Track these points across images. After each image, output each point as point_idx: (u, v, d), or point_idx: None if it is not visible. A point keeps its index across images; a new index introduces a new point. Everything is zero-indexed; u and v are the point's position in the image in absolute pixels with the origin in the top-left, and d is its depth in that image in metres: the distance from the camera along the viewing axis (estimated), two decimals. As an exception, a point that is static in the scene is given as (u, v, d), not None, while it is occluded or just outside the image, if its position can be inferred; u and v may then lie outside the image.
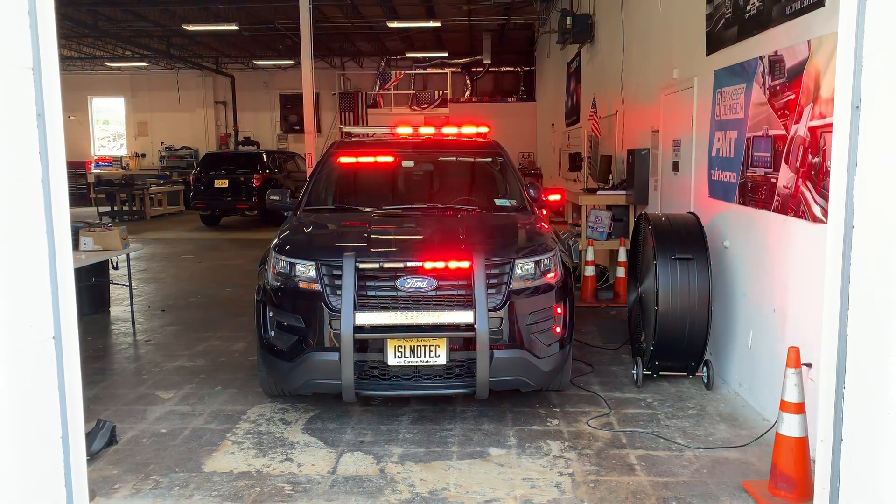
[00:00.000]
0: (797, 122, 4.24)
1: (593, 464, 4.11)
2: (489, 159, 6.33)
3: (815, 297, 4.00)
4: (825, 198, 3.84)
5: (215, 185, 17.16)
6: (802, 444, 3.56)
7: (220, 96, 26.68)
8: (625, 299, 7.34)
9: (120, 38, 20.23)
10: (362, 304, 4.40)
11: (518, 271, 4.58)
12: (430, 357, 4.39)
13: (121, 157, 26.14)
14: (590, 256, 8.32)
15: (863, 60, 2.49)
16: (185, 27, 18.27)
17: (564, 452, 4.26)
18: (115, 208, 19.18)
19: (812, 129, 4.05)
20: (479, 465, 4.10)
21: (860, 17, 2.49)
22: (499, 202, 5.87)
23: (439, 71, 25.12)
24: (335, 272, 4.47)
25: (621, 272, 8.11)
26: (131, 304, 7.77)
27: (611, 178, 9.28)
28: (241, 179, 17.14)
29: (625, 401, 5.10)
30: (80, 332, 2.57)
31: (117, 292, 8.54)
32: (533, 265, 4.65)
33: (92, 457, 4.12)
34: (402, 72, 25.25)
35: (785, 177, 4.41)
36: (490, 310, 4.38)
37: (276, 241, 4.96)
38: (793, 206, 4.30)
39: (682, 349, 5.19)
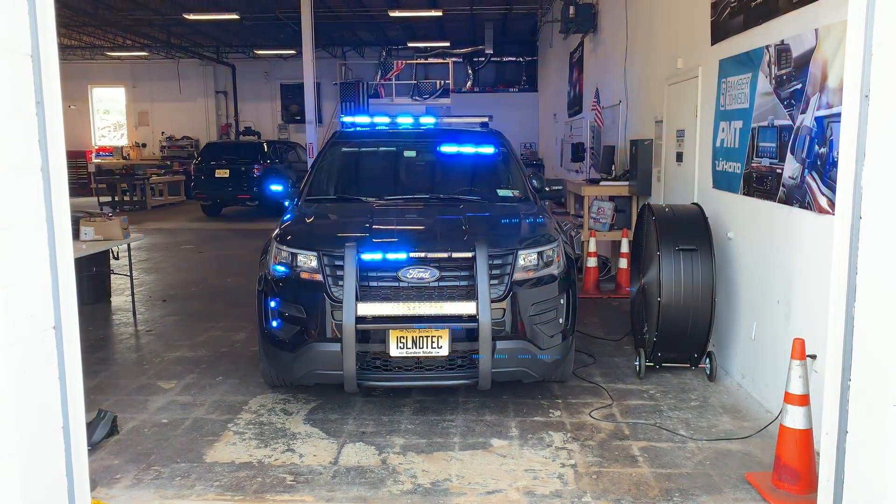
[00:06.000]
0: (803, 111, 4.21)
1: (596, 455, 4.10)
2: (492, 149, 6.29)
3: (820, 289, 3.98)
4: (831, 188, 3.81)
5: (216, 176, 17.13)
6: (807, 436, 3.54)
7: (220, 86, 26.61)
8: (627, 290, 7.32)
9: (120, 27, 20.17)
10: (364, 294, 4.38)
11: (521, 262, 4.56)
12: (432, 348, 4.37)
13: (121, 147, 26.08)
14: (592, 247, 8.29)
15: (872, 49, 2.46)
16: (186, 16, 18.21)
17: (567, 444, 4.26)
18: (116, 198, 19.15)
19: (819, 119, 4.02)
20: (481, 457, 4.09)
21: (870, 6, 2.46)
22: (501, 192, 5.84)
23: (441, 61, 25.04)
24: (337, 262, 4.45)
25: (624, 263, 8.09)
26: (132, 294, 7.76)
27: (613, 168, 9.24)
28: (242, 170, 17.11)
29: (627, 392, 5.09)
30: (81, 322, 2.55)
31: (118, 282, 8.53)
32: (536, 256, 4.63)
33: (93, 447, 4.12)
34: (404, 61, 25.18)
35: (790, 167, 4.37)
36: (493, 301, 4.36)
37: (277, 231, 4.94)
38: (798, 197, 4.27)
39: (685, 340, 5.17)
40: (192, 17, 18.27)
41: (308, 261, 4.54)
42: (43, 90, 2.32)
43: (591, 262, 8.29)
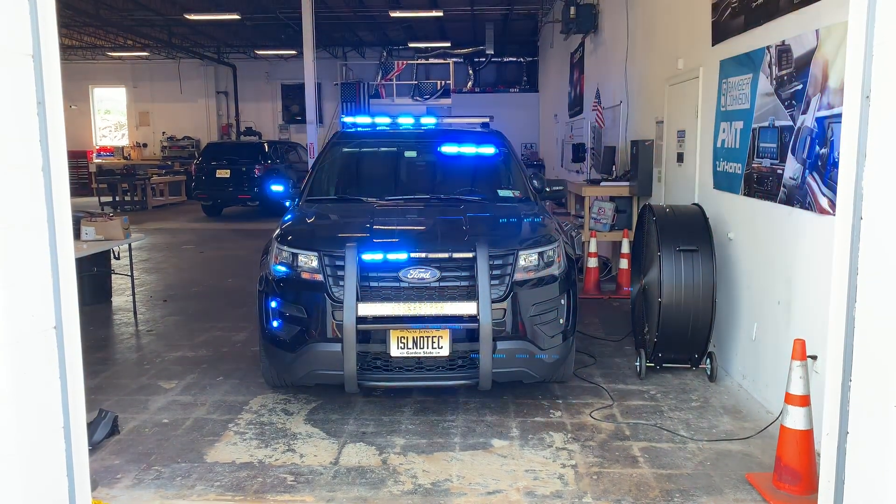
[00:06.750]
0: (804, 112, 4.21)
1: (596, 456, 4.09)
2: (492, 150, 6.29)
3: (821, 290, 3.97)
4: (832, 189, 3.81)
5: (217, 176, 17.14)
6: (807, 436, 3.54)
7: (221, 86, 26.62)
8: (628, 291, 7.32)
9: (121, 27, 20.18)
10: (365, 294, 4.38)
11: (521, 262, 4.56)
12: (432, 348, 4.37)
13: (122, 147, 26.12)
14: (593, 248, 8.29)
15: (873, 50, 2.46)
16: (187, 16, 18.22)
17: (567, 444, 4.25)
18: (117, 198, 19.15)
19: (819, 120, 4.02)
20: (481, 457, 4.09)
21: (871, 6, 2.46)
22: (502, 193, 5.85)
23: (441, 61, 25.04)
24: (338, 262, 4.45)
25: (624, 264, 8.09)
26: (133, 294, 7.76)
27: (614, 169, 9.24)
28: (243, 170, 17.12)
29: (628, 393, 5.08)
30: (82, 322, 2.55)
31: (119, 282, 8.53)
32: (536, 256, 4.63)
33: (94, 447, 4.12)
34: (405, 62, 25.16)
35: (791, 168, 4.37)
36: (493, 301, 4.36)
37: (278, 231, 4.94)
38: (799, 198, 4.27)
39: (685, 341, 5.17)
40: (192, 17, 18.28)
41: (309, 261, 4.54)
42: (44, 90, 2.32)
43: (592, 263, 8.29)
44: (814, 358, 3.87)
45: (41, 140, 2.32)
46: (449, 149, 6.34)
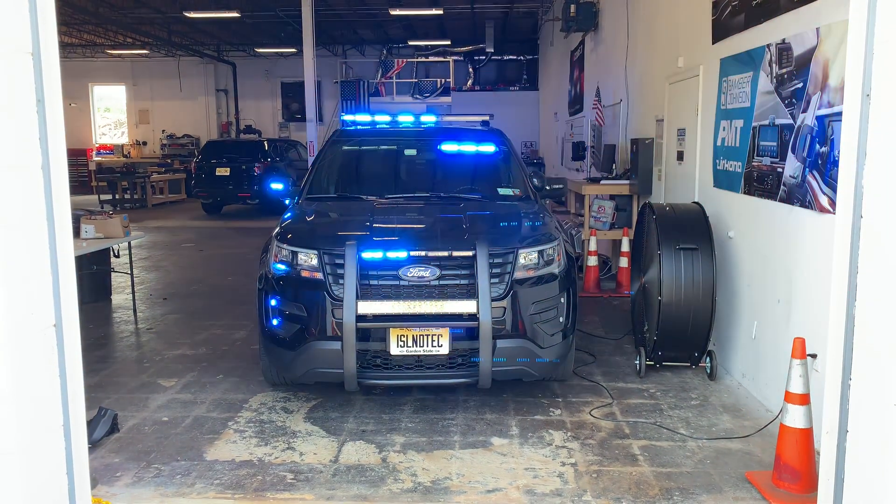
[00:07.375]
0: (804, 110, 4.20)
1: (596, 454, 4.10)
2: (492, 148, 6.29)
3: (821, 288, 3.97)
4: (832, 187, 3.81)
5: (217, 174, 17.13)
6: (807, 435, 3.54)
7: (221, 84, 26.60)
8: (628, 289, 7.32)
9: (121, 24, 20.15)
10: (364, 293, 4.38)
11: (521, 261, 4.56)
12: (432, 346, 4.37)
13: (122, 145, 26.11)
14: (592, 246, 8.29)
15: (874, 48, 2.46)
16: (186, 14, 18.18)
17: (567, 442, 4.26)
18: (117, 196, 19.13)
19: (820, 118, 4.02)
20: (481, 455, 4.09)
21: (871, 4, 2.45)
22: (502, 191, 5.84)
23: (441, 59, 25.03)
24: (337, 261, 4.45)
25: (624, 262, 8.09)
26: (133, 293, 7.76)
27: (614, 167, 9.23)
28: (243, 168, 17.10)
29: (628, 391, 5.09)
30: (82, 320, 2.55)
31: (118, 280, 8.53)
32: (536, 255, 4.63)
33: (93, 445, 4.12)
34: (405, 60, 25.16)
35: (791, 166, 4.37)
36: (493, 299, 4.36)
37: (277, 229, 4.94)
38: (799, 196, 4.27)
39: (685, 339, 5.17)
40: (192, 15, 18.25)
41: (308, 259, 4.54)
42: (44, 88, 2.31)
43: (592, 261, 8.29)
44: (814, 356, 3.87)
45: (41, 138, 2.32)
46: (449, 147, 6.33)
